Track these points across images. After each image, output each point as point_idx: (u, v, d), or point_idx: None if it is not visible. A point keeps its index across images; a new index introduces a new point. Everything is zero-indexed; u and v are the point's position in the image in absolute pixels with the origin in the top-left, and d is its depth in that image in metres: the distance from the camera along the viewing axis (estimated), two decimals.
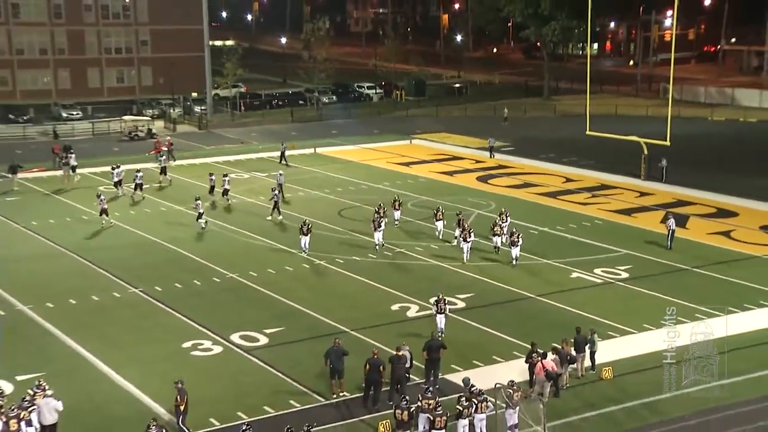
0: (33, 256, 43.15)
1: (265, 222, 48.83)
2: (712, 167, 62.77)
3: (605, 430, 25.95)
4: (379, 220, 43.38)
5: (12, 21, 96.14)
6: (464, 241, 40.75)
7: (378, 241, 43.25)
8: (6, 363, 30.17)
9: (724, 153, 69.25)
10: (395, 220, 46.95)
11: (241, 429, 23.12)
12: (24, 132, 78.42)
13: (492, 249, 42.29)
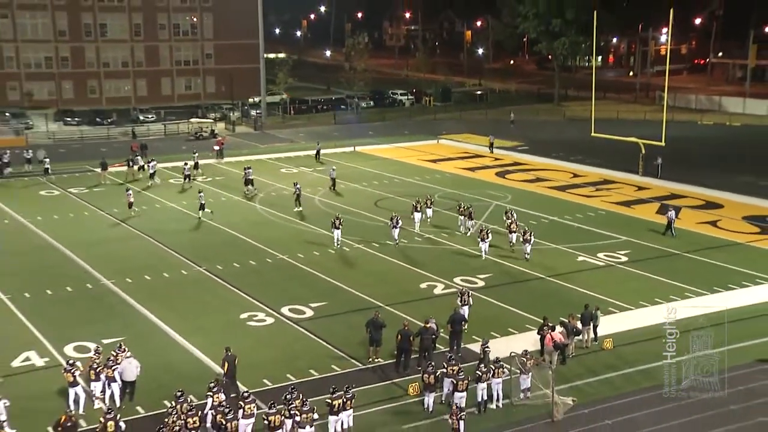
0: (115, 238, 43.58)
1: (310, 210, 48.92)
2: (701, 165, 62.21)
3: (605, 394, 25.89)
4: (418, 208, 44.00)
5: (100, 39, 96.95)
6: (482, 241, 39.01)
7: (415, 227, 43.61)
8: (93, 328, 30.62)
9: (711, 153, 68.63)
10: (428, 217, 45.69)
11: (289, 389, 23.24)
12: (108, 133, 79.09)
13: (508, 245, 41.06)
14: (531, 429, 23.82)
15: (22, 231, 44.86)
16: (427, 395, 24.55)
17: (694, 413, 24.04)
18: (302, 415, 22.16)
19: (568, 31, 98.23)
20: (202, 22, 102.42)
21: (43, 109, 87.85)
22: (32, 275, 36.98)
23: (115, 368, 25.14)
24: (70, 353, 28.33)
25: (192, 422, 22.01)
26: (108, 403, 24.87)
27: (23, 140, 71.89)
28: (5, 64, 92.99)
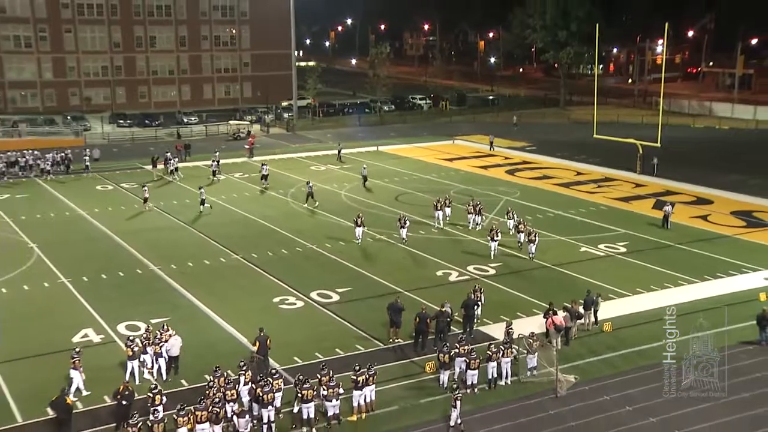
0: (161, 228, 43.78)
1: (336, 204, 48.95)
2: (693, 164, 61.59)
3: (605, 372, 25.84)
4: (439, 205, 43.24)
5: (150, 50, 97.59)
6: (492, 240, 37.70)
7: (437, 223, 43.18)
8: (142, 309, 30.84)
9: (703, 153, 67.94)
10: (447, 216, 43.97)
11: (321, 366, 23.27)
12: (155, 133, 79.44)
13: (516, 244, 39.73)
14: (537, 404, 23.78)
15: (81, 222, 45.21)
16: (442, 373, 24.55)
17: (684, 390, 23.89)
18: (329, 389, 22.24)
19: (572, 41, 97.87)
20: (240, 34, 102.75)
21: (99, 113, 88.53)
22: (89, 261, 37.28)
23: (162, 345, 25.38)
24: (123, 331, 28.59)
25: (230, 394, 22.16)
26: (155, 376, 25.12)
27: (82, 141, 72.42)
28: (68, 74, 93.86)
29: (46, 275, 35.27)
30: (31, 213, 46.70)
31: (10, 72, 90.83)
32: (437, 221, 43.20)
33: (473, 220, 42.85)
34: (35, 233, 42.14)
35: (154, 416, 20.57)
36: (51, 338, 28.26)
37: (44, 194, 52.18)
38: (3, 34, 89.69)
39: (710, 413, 23.02)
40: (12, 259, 37.48)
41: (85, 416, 22.60)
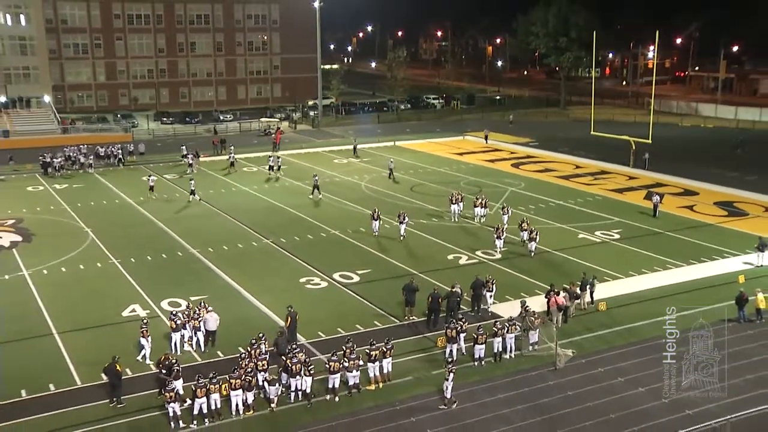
0: (199, 215, 43.95)
1: (357, 194, 48.90)
2: (681, 159, 60.94)
3: (599, 347, 25.76)
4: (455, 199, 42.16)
5: (190, 54, 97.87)
6: (498, 238, 35.90)
7: (454, 218, 41.77)
8: (183, 287, 31.03)
9: (689, 149, 67.17)
10: (460, 210, 42.29)
11: (348, 341, 23.30)
12: (195, 130, 79.66)
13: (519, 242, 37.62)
14: (538, 375, 23.74)
15: (129, 209, 45.50)
16: (449, 346, 24.52)
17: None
18: (350, 361, 22.29)
19: (572, 47, 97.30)
20: (271, 40, 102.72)
21: (145, 111, 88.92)
22: (136, 244, 37.52)
23: (201, 320, 25.52)
24: (166, 307, 28.78)
25: (262, 365, 22.25)
26: (195, 348, 25.27)
27: (130, 137, 72.79)
28: (118, 76, 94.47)
29: (99, 256, 35.55)
30: (86, 201, 47.05)
31: (69, 76, 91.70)
32: (454, 216, 41.96)
33: (478, 213, 41.75)
34: (89, 219, 42.47)
35: (169, 386, 20.71)
36: (104, 312, 28.53)
37: (97, 184, 52.55)
38: (64, 42, 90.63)
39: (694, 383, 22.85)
40: (70, 242, 37.82)
41: (133, 381, 22.79)
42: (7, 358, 24.79)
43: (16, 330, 26.95)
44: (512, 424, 20.90)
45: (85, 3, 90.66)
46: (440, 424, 20.86)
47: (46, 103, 79.18)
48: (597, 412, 21.54)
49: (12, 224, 41.47)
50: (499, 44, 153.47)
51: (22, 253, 36.14)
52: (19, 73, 79.40)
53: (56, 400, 21.98)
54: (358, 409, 21.65)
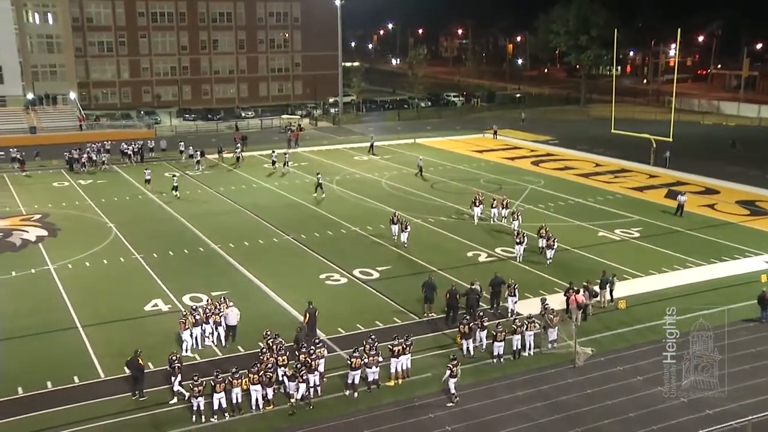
0: (221, 211, 44.13)
1: (377, 191, 48.86)
2: (702, 157, 60.34)
3: (619, 345, 25.53)
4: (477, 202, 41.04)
5: (212, 52, 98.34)
6: (518, 244, 34.44)
7: (477, 216, 40.83)
8: (204, 283, 31.20)
9: (711, 147, 66.51)
10: (480, 214, 41.13)
11: (369, 337, 23.22)
12: (217, 126, 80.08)
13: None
14: (557, 373, 23.59)
15: (151, 204, 45.84)
16: (466, 342, 24.45)
17: None
18: (369, 357, 22.29)
19: (592, 45, 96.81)
20: (292, 38, 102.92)
21: (168, 108, 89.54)
22: (158, 240, 37.78)
23: (223, 315, 25.63)
24: (187, 302, 28.94)
25: (282, 360, 22.31)
26: (215, 343, 25.40)
27: (153, 133, 73.33)
28: (142, 74, 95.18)
29: (122, 251, 35.86)
30: (110, 196, 47.47)
31: (94, 73, 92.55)
32: (476, 218, 40.80)
33: (495, 213, 40.81)
34: (113, 214, 42.85)
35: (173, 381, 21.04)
36: (126, 306, 28.78)
37: (120, 179, 52.98)
38: (90, 40, 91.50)
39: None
40: (94, 237, 38.19)
41: (155, 375, 22.93)
42: (33, 350, 25.09)
43: (42, 323, 27.27)
44: (531, 422, 20.80)
45: (110, 1, 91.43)
46: (459, 420, 20.80)
47: (71, 100, 80.00)
48: (616, 410, 21.37)
49: (38, 219, 41.97)
50: (519, 42, 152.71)
51: (47, 247, 36.56)
52: (46, 70, 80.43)
53: (80, 392, 22.21)
54: (377, 405, 21.64)
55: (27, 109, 75.10)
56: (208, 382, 21.04)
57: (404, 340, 23.07)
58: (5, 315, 27.95)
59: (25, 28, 78.12)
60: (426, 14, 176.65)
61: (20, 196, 47.38)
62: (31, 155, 57.68)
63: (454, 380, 21.71)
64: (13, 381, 22.74)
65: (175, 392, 21.74)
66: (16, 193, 48.54)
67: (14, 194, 48.14)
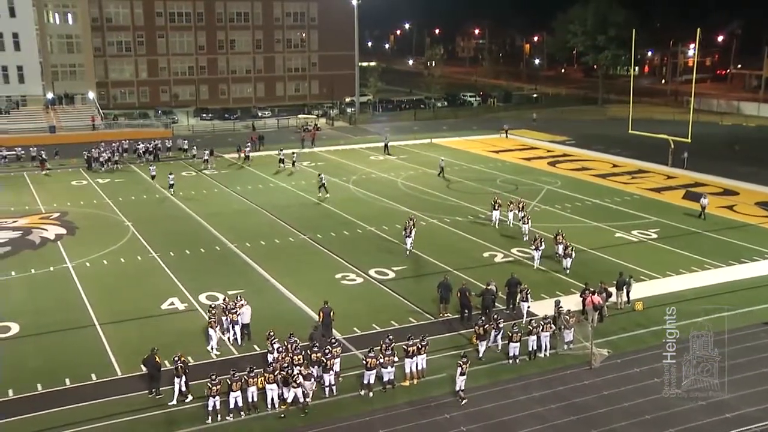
0: (237, 210, 44.30)
1: (393, 191, 48.83)
2: (721, 158, 59.80)
3: (635, 347, 25.30)
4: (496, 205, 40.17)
5: (229, 52, 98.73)
6: (536, 249, 33.46)
7: (495, 221, 39.99)
8: (220, 281, 31.33)
9: (730, 148, 65.84)
10: (498, 217, 40.31)
11: (387, 337, 23.17)
12: (233, 126, 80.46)
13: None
14: (572, 374, 23.47)
15: (169, 203, 46.10)
16: (480, 343, 24.37)
17: None
18: (385, 357, 22.27)
19: (610, 45, 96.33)
20: (309, 38, 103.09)
21: (185, 108, 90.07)
22: (175, 238, 37.99)
23: (239, 313, 25.69)
24: (203, 301, 29.07)
25: (297, 359, 22.33)
26: (231, 341, 25.49)
27: (170, 132, 73.78)
28: (159, 73, 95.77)
29: (139, 250, 36.09)
30: (127, 195, 47.81)
31: (113, 73, 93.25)
32: (495, 222, 40.10)
33: (511, 216, 40.08)
34: (130, 213, 43.14)
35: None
36: (143, 305, 28.95)
37: (137, 179, 53.33)
38: (108, 40, 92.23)
39: (732, 386, 22.41)
40: (112, 235, 38.47)
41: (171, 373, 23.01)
42: (52, 348, 25.32)
43: (61, 320, 27.51)
44: (546, 423, 20.70)
45: (128, 2, 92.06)
46: (474, 421, 20.74)
47: (90, 100, 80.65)
48: (632, 412, 21.22)
49: (57, 217, 42.35)
50: (536, 42, 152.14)
51: (66, 245, 36.88)
52: (65, 70, 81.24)
53: (98, 389, 22.37)
54: (393, 405, 21.63)
55: (47, 109, 75.81)
56: (224, 381, 21.12)
57: (419, 340, 23.04)
58: (25, 312, 28.22)
59: (45, 28, 78.91)
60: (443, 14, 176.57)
61: (39, 195, 47.84)
62: (51, 154, 58.20)
63: (463, 378, 21.76)
64: (33, 378, 22.96)
65: (181, 392, 21.66)
66: (36, 191, 49.02)
67: (34, 193, 48.61)
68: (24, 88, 75.46)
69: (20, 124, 71.74)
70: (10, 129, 70.12)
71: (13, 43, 73.54)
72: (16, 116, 73.36)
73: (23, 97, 75.88)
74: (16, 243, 37.25)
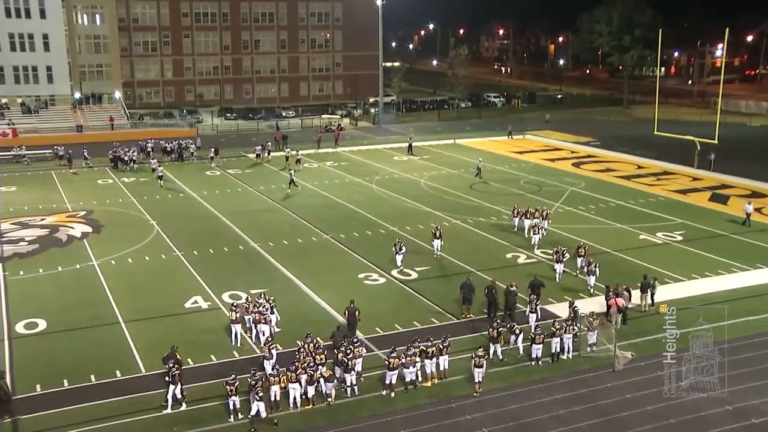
0: (261, 210, 44.55)
1: (416, 191, 48.80)
2: (748, 160, 58.96)
3: (658, 350, 24.88)
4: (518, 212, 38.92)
5: (254, 52, 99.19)
6: (557, 262, 31.75)
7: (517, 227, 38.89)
8: (243, 280, 31.51)
9: (758, 150, 64.97)
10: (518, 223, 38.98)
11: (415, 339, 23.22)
12: (258, 126, 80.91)
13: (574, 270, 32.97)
14: (595, 377, 23.29)
15: (193, 202, 46.49)
16: (493, 346, 24.30)
17: (736, 368, 22.95)
18: (407, 358, 22.27)
19: (636, 46, 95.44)
20: (333, 38, 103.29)
21: (209, 107, 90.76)
22: (199, 237, 38.29)
23: (269, 319, 25.75)
24: (227, 299, 29.26)
25: (320, 358, 22.38)
26: (254, 341, 25.62)
27: (195, 132, 74.39)
28: (185, 73, 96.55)
29: (163, 248, 36.43)
30: (152, 194, 48.28)
31: (139, 72, 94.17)
32: (516, 227, 38.80)
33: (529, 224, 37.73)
34: (155, 212, 43.55)
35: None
36: (167, 303, 29.21)
37: (162, 178, 53.72)
38: (135, 40, 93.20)
39: (759, 391, 22.11)
40: (136, 234, 38.88)
41: (192, 371, 23.23)
42: (78, 344, 25.65)
43: (87, 317, 27.85)
44: (569, 425, 20.57)
45: (155, 2, 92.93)
46: (496, 422, 20.67)
47: (116, 99, 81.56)
48: (656, 416, 21.01)
49: (83, 215, 42.90)
50: (561, 43, 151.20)
51: (92, 243, 37.33)
52: (93, 70, 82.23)
53: (122, 386, 22.61)
54: (414, 405, 21.61)
55: (74, 108, 76.79)
56: (244, 380, 21.25)
57: (441, 341, 23.01)
58: (53, 309, 28.62)
59: (74, 29, 79.93)
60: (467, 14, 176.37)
61: (66, 193, 48.48)
62: (79, 153, 58.93)
63: (480, 371, 21.97)
64: (60, 373, 23.28)
65: (176, 400, 21.31)
66: (63, 190, 49.68)
67: (61, 191, 49.28)
68: (53, 87, 76.54)
69: (49, 123, 72.74)
70: (40, 128, 71.17)
71: (42, 44, 74.62)
72: (45, 115, 74.41)
73: (52, 96, 76.99)
74: (43, 241, 37.79)
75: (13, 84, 74.83)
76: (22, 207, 44.77)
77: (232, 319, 25.37)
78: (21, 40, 74.02)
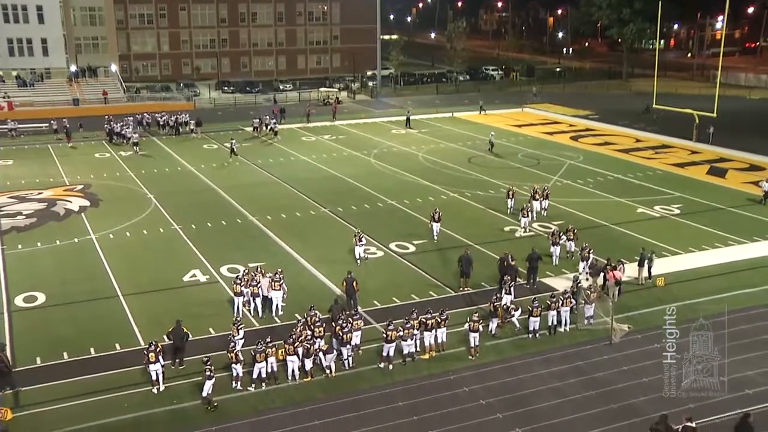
0: (258, 183, 44.47)
1: (414, 165, 48.70)
2: (747, 133, 58.79)
3: (656, 323, 25.00)
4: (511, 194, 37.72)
5: (251, 24, 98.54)
6: (553, 245, 30.58)
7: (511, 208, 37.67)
8: (241, 254, 31.52)
9: (757, 123, 64.71)
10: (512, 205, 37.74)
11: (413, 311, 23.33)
12: (255, 99, 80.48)
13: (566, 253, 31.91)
14: (593, 349, 23.42)
15: (190, 176, 46.37)
16: (491, 321, 24.34)
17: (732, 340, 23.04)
18: (405, 330, 22.36)
19: (635, 19, 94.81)
20: (331, 11, 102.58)
21: (207, 81, 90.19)
22: (197, 211, 38.25)
23: (258, 285, 25.84)
24: (225, 273, 29.30)
25: (318, 331, 22.46)
26: (252, 313, 25.69)
27: (192, 105, 73.99)
28: (181, 46, 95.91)
29: (161, 222, 36.40)
30: (150, 168, 48.13)
31: (135, 45, 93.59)
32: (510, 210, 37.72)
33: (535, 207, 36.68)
34: (153, 186, 43.46)
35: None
36: (165, 276, 29.26)
37: (160, 152, 53.61)
38: (131, 13, 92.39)
39: (754, 363, 22.27)
40: (134, 208, 38.83)
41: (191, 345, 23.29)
42: (77, 317, 25.71)
43: (85, 291, 27.90)
44: (566, 397, 20.71)
45: None
46: (493, 394, 20.81)
47: (113, 72, 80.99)
48: (652, 387, 21.15)
49: (81, 189, 42.80)
50: (560, 15, 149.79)
51: (90, 217, 37.29)
52: (88, 43, 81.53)
53: (121, 359, 22.69)
54: (413, 377, 21.74)
55: (70, 82, 76.27)
56: (247, 353, 21.33)
57: (439, 314, 23.09)
58: (51, 283, 28.66)
59: (68, 1, 79.06)
60: None
61: (63, 167, 48.33)
62: (75, 127, 58.61)
63: (475, 335, 22.54)
64: (60, 346, 23.36)
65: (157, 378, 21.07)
66: (60, 163, 49.51)
67: (58, 165, 49.11)
68: (48, 60, 75.93)
69: (44, 96, 72.29)
70: (35, 101, 70.74)
71: (37, 16, 73.90)
72: (40, 89, 73.91)
73: (47, 69, 76.40)
74: (41, 214, 37.75)
75: (8, 56, 74.25)
76: (20, 181, 44.65)
77: (236, 292, 25.36)
78: (15, 11, 73.32)
